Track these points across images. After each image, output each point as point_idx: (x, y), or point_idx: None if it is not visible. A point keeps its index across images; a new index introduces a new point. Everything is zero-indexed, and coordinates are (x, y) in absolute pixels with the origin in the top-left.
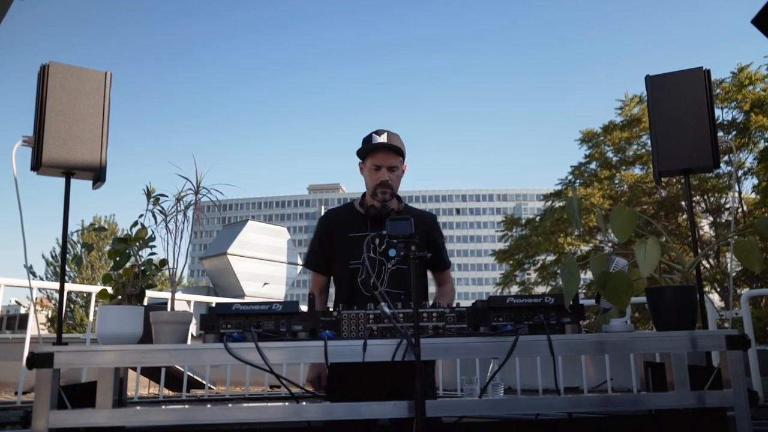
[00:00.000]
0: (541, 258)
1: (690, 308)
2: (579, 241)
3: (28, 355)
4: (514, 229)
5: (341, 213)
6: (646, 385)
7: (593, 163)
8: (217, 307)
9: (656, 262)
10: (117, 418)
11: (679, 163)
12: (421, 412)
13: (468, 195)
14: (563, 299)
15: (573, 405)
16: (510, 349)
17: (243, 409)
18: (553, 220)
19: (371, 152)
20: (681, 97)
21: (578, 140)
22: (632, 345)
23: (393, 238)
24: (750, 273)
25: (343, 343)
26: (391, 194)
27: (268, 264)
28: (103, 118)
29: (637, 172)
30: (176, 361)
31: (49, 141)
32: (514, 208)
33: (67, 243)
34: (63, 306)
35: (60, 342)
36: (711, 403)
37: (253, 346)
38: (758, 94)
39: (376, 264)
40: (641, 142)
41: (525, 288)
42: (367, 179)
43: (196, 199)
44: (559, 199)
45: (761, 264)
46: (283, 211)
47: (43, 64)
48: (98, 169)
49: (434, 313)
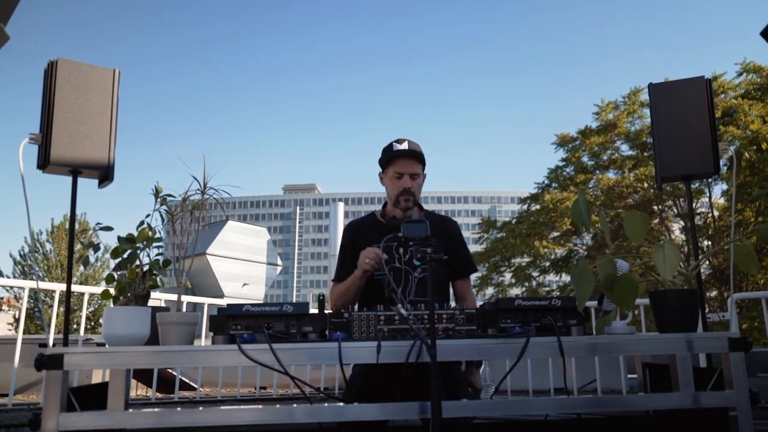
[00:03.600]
0: (516, 260)
1: (692, 311)
2: (554, 244)
3: (37, 356)
4: (491, 231)
5: (364, 224)
6: (644, 385)
7: (570, 167)
8: (227, 308)
9: (676, 265)
10: (129, 420)
11: (681, 169)
12: (437, 413)
13: (443, 197)
14: (570, 301)
15: (583, 406)
16: (521, 351)
17: (260, 411)
18: (530, 223)
19: (392, 160)
20: (683, 105)
21: (555, 144)
22: (639, 347)
23: (409, 241)
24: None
25: (357, 344)
26: (414, 202)
27: (248, 264)
28: (112, 116)
29: (611, 177)
30: (189, 362)
31: (57, 139)
32: (488, 210)
33: (74, 243)
34: (69, 307)
35: (67, 343)
36: (714, 403)
37: (266, 347)
38: (729, 102)
39: (402, 273)
40: (615, 147)
41: (501, 290)
42: (389, 188)
43: (202, 199)
44: (536, 202)
45: (758, 267)
46: (257, 211)
47: (50, 60)
48: (106, 168)
49: (444, 314)
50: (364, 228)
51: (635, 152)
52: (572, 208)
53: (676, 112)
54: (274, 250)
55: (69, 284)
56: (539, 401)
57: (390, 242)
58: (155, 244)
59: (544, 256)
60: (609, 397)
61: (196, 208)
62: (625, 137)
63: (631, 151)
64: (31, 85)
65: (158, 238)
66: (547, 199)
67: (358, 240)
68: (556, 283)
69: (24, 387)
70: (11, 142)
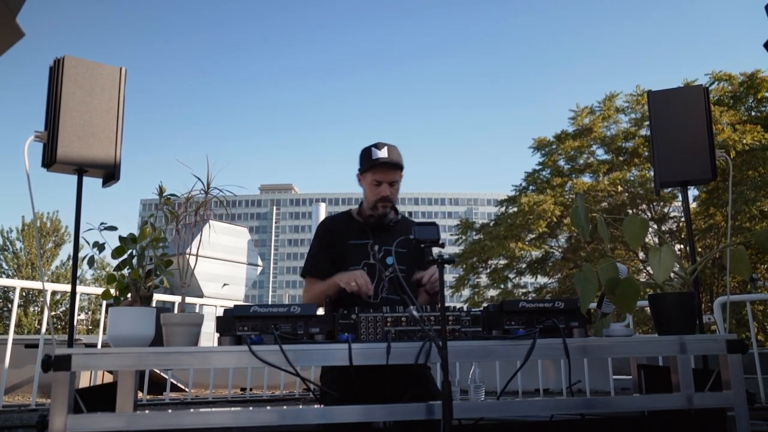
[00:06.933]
0: (493, 262)
1: (690, 313)
2: (530, 246)
3: (44, 357)
4: (468, 233)
5: (340, 220)
6: (639, 387)
7: (546, 170)
8: (234, 308)
9: (671, 268)
10: (138, 421)
11: (678, 176)
12: (448, 414)
13: (420, 198)
14: (573, 303)
15: (585, 406)
16: (527, 352)
17: (268, 412)
18: (507, 225)
19: (372, 168)
20: (681, 113)
21: (532, 147)
22: (639, 348)
23: (421, 243)
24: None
25: (367, 345)
26: (391, 207)
27: (228, 264)
28: (118, 115)
29: (587, 181)
30: (199, 363)
31: (63, 137)
32: (465, 212)
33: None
34: (75, 307)
35: (71, 344)
36: (713, 404)
37: (276, 349)
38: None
39: (376, 271)
40: (591, 151)
41: (477, 291)
42: (367, 192)
43: (206, 198)
44: (513, 204)
45: (750, 271)
46: (234, 211)
47: (57, 57)
48: (112, 167)
49: (451, 316)
50: (340, 223)
51: (610, 156)
52: (571, 214)
53: (674, 119)
54: (254, 251)
55: (74, 285)
56: (543, 402)
57: (401, 247)
58: (160, 243)
59: (520, 258)
60: (612, 398)
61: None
62: (601, 142)
63: (606, 156)
64: (36, 86)
65: (163, 238)
66: (524, 202)
67: (335, 235)
68: (532, 285)
69: (11, 388)
70: (17, 140)
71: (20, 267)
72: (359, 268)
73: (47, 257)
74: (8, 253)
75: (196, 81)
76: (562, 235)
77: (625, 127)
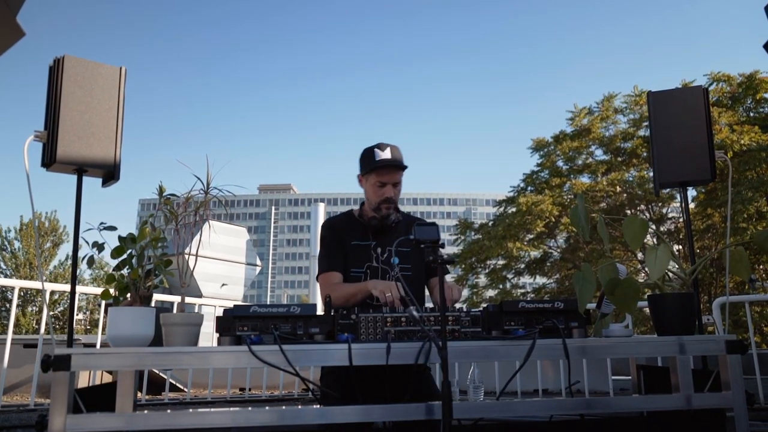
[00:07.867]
0: (491, 262)
1: (690, 314)
2: (529, 246)
3: (43, 357)
4: (467, 233)
5: (342, 220)
6: (639, 387)
7: (545, 171)
8: (234, 309)
9: (665, 267)
10: (137, 422)
11: (678, 176)
12: (447, 414)
13: (419, 199)
14: (572, 304)
15: (585, 407)
16: (527, 352)
17: (267, 412)
18: (505, 225)
19: (376, 169)
20: (680, 113)
21: (530, 148)
22: (639, 349)
23: (421, 243)
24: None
25: (367, 345)
26: (394, 208)
27: (227, 264)
28: (118, 115)
29: (585, 181)
30: (199, 363)
31: (63, 137)
32: (464, 212)
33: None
34: (74, 307)
35: (71, 344)
36: (712, 404)
37: (276, 349)
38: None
39: (379, 273)
40: (589, 151)
41: (476, 291)
42: (370, 194)
43: (206, 198)
44: (512, 205)
45: (749, 273)
46: (233, 211)
47: (57, 57)
48: (111, 167)
49: (450, 316)
50: (342, 224)
51: (609, 157)
52: (571, 215)
53: (673, 120)
54: (253, 251)
55: (73, 284)
56: (542, 402)
57: (403, 246)
58: (160, 243)
59: (518, 258)
60: (612, 399)
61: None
62: (599, 142)
63: (604, 156)
64: (36, 86)
65: (163, 238)
66: (522, 202)
67: (340, 234)
68: (531, 285)
69: (9, 388)
70: (17, 140)
71: (18, 267)
72: (362, 271)
73: (45, 257)
74: (6, 252)
75: (196, 81)
76: (561, 235)
77: (624, 128)
